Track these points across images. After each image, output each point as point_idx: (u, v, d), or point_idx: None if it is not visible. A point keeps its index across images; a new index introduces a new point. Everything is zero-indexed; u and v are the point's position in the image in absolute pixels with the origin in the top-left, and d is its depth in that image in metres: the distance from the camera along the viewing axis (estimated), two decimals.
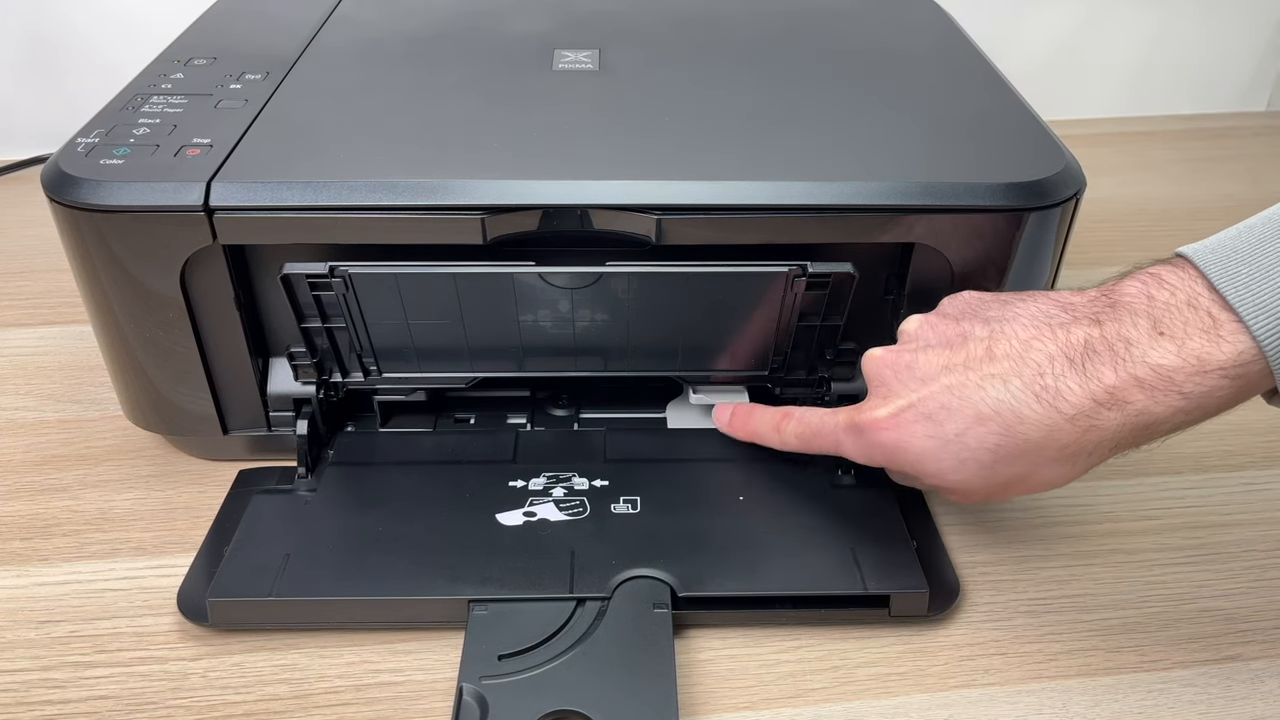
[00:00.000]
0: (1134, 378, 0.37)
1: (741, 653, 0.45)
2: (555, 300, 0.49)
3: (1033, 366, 0.38)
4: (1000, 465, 0.40)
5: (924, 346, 0.42)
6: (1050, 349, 0.38)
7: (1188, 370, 0.36)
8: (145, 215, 0.45)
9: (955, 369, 0.40)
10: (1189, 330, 0.36)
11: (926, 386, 0.41)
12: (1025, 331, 0.40)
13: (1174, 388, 0.36)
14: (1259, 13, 1.00)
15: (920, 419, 0.41)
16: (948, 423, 0.40)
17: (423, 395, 0.55)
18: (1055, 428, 0.38)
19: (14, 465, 0.56)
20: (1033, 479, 0.40)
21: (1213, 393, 0.36)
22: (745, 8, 0.67)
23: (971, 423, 0.39)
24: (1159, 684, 0.44)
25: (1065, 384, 0.38)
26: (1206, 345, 0.36)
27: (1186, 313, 0.37)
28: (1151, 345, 0.37)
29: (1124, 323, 0.37)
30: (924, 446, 0.41)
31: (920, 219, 0.46)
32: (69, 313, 0.68)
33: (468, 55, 0.59)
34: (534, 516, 0.49)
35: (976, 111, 0.53)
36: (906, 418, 0.41)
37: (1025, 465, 0.40)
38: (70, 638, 0.46)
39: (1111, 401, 0.37)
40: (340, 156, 0.47)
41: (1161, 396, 0.36)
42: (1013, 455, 0.39)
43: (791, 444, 0.48)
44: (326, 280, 0.47)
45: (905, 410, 0.41)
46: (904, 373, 0.42)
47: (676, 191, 0.45)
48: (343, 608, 0.45)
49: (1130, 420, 0.37)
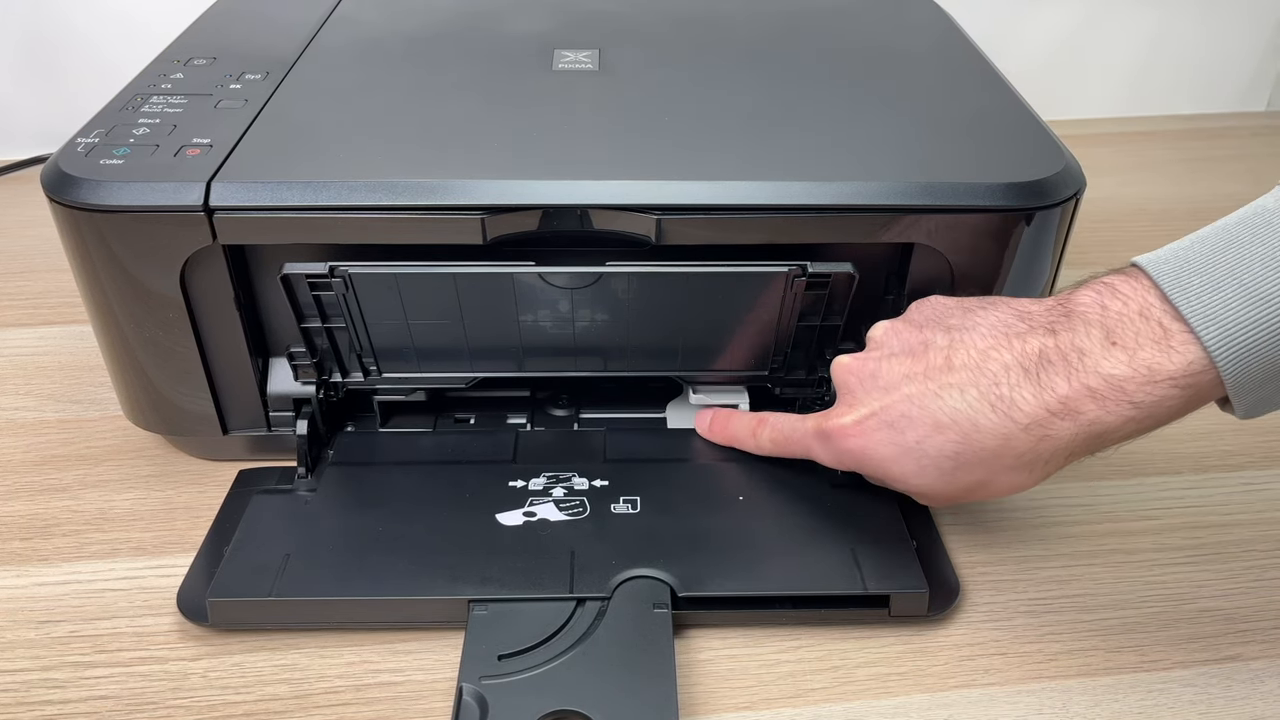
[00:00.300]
0: (1086, 388, 0.37)
1: (741, 653, 0.45)
2: (555, 300, 0.49)
3: (989, 376, 0.39)
4: (960, 472, 0.41)
5: (888, 354, 0.44)
6: (1006, 359, 0.39)
7: (1139, 380, 0.36)
8: (145, 215, 0.45)
9: (915, 378, 0.41)
10: (1140, 340, 0.37)
11: (888, 395, 0.42)
12: (983, 341, 0.41)
13: (1125, 397, 0.37)
14: (1259, 13, 1.00)
15: (882, 426, 0.42)
16: (908, 431, 0.41)
17: (423, 395, 0.55)
18: (1010, 436, 0.39)
19: (14, 465, 0.56)
20: (993, 485, 0.41)
21: (1163, 402, 0.37)
22: (745, 8, 0.67)
23: (930, 431, 0.40)
24: (1159, 684, 0.44)
25: (1020, 394, 0.39)
26: (1157, 355, 0.36)
27: (1138, 323, 0.37)
28: (1104, 355, 0.37)
29: (1078, 332, 0.38)
30: (886, 453, 0.42)
31: (920, 219, 0.46)
32: (69, 313, 0.68)
33: (467, 55, 0.59)
34: (534, 516, 0.49)
35: (976, 111, 0.53)
36: (869, 425, 0.42)
37: (984, 472, 0.41)
38: (70, 638, 0.46)
39: (1064, 411, 0.38)
40: (340, 156, 0.47)
41: (1113, 406, 0.37)
42: (971, 462, 0.40)
43: (767, 449, 0.50)
44: (326, 280, 0.47)
45: (868, 418, 0.42)
46: (868, 380, 0.43)
47: (676, 191, 0.45)
48: (343, 608, 0.45)
49: (1083, 429, 0.38)
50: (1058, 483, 0.55)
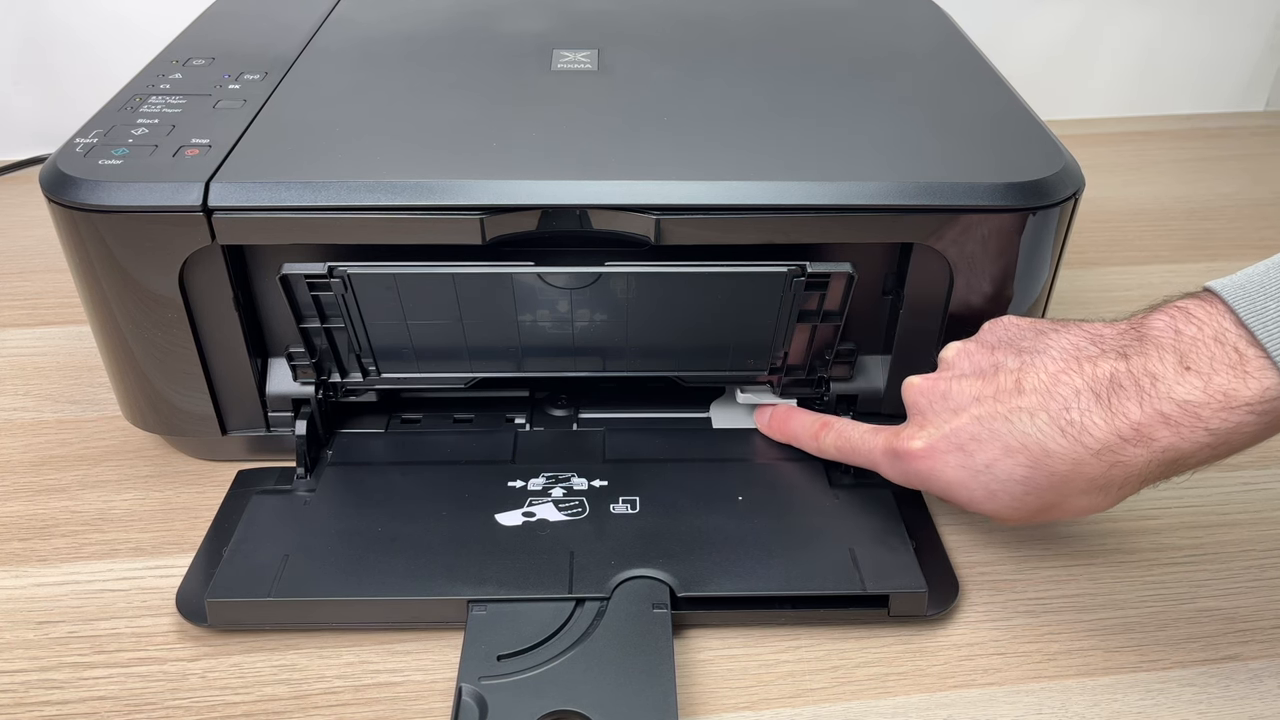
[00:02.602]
0: (1159, 414, 0.37)
1: (741, 653, 0.45)
2: (554, 300, 0.49)
3: (1059, 400, 0.39)
4: (1030, 496, 0.40)
5: (959, 375, 0.44)
6: (1077, 383, 0.39)
7: (1214, 406, 0.36)
8: (144, 215, 0.45)
9: (985, 400, 0.41)
10: (1215, 366, 0.36)
11: (958, 418, 0.42)
12: (1054, 365, 0.40)
13: (1200, 424, 0.36)
14: (1258, 13, 1.00)
15: (952, 449, 0.42)
16: (978, 454, 0.41)
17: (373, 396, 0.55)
18: (1081, 462, 0.38)
19: (12, 466, 0.56)
20: (1066, 506, 0.41)
21: (1239, 429, 0.36)
22: (744, 8, 0.67)
23: (1000, 455, 0.40)
24: (1158, 684, 0.44)
25: (1090, 419, 0.38)
26: (1233, 381, 0.35)
27: (1213, 348, 0.36)
28: (1177, 381, 0.36)
29: (1150, 357, 0.37)
30: (956, 477, 0.42)
31: (919, 219, 0.46)
32: (67, 313, 0.68)
33: (466, 55, 0.59)
34: (533, 517, 0.49)
35: (975, 111, 0.53)
36: (939, 448, 0.42)
37: (1055, 495, 0.40)
38: (69, 638, 0.46)
39: (1137, 438, 0.37)
40: (339, 156, 0.47)
41: (1188, 433, 0.36)
42: (1042, 487, 0.40)
43: (830, 454, 0.50)
44: (325, 281, 0.47)
45: (938, 441, 0.42)
46: (938, 401, 0.43)
47: (675, 191, 0.45)
48: (341, 608, 0.45)
49: (1157, 456, 0.37)
50: None
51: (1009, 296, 0.49)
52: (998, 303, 0.49)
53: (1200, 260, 0.77)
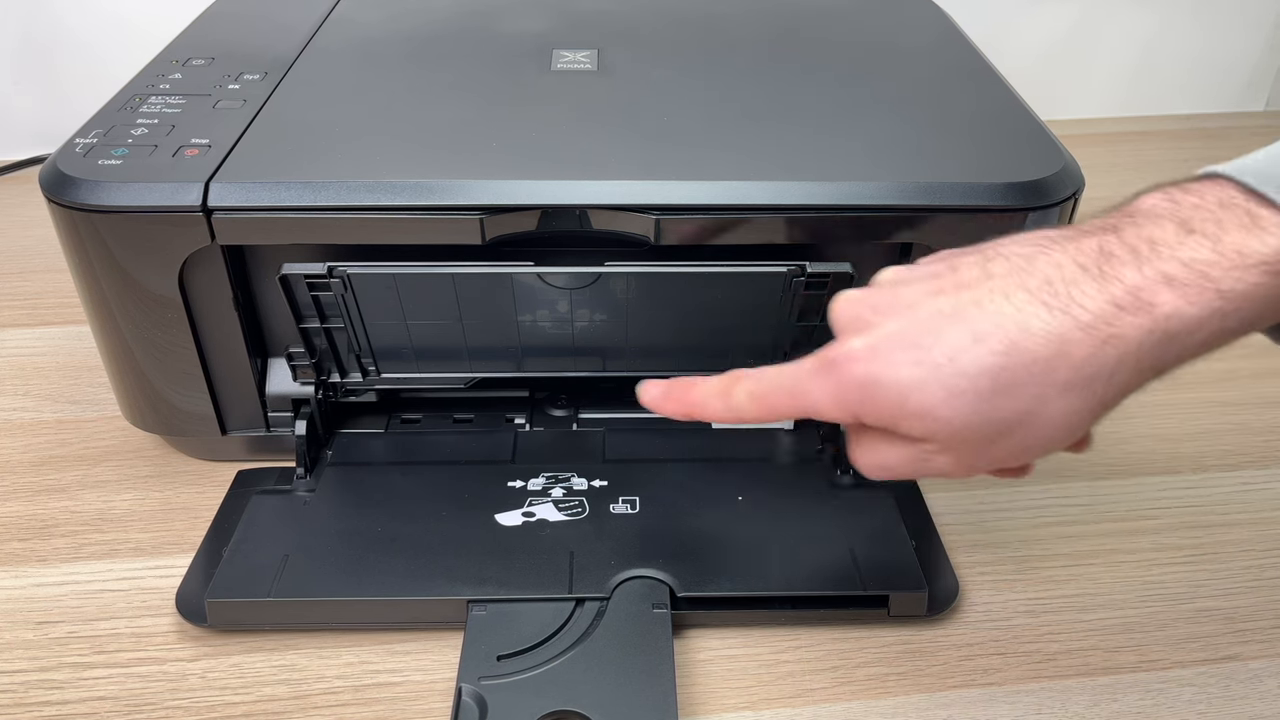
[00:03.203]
0: (1162, 274, 0.31)
1: (741, 653, 0.45)
2: (554, 300, 0.49)
3: (1039, 276, 0.33)
4: (1001, 398, 0.32)
5: (904, 282, 0.36)
6: (1058, 258, 0.33)
7: (1225, 264, 0.31)
8: (143, 216, 0.45)
9: (946, 292, 0.34)
10: (1224, 227, 0.31)
11: (913, 312, 0.34)
12: (1026, 248, 0.34)
13: (1210, 284, 0.31)
14: (1257, 12, 1.00)
15: (904, 346, 0.34)
16: (937, 347, 0.33)
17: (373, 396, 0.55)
18: (1068, 339, 0.32)
19: (12, 466, 0.56)
20: (1038, 421, 0.33)
21: (1254, 292, 0.31)
22: (744, 8, 0.67)
23: (967, 343, 0.33)
24: (1158, 684, 0.44)
25: (1079, 290, 0.32)
26: (1246, 238, 0.31)
27: (1220, 212, 0.32)
28: (1180, 243, 0.31)
29: (1145, 227, 0.32)
30: (909, 377, 0.33)
31: (918, 219, 0.46)
32: (67, 313, 0.68)
33: (466, 55, 0.59)
34: (533, 517, 0.49)
35: (975, 111, 0.53)
36: (887, 346, 0.34)
37: (1030, 397, 0.32)
38: (68, 638, 0.46)
39: (1136, 304, 0.31)
40: (339, 157, 0.47)
41: (1195, 295, 0.31)
42: (1017, 381, 0.32)
43: (744, 408, 0.39)
44: (325, 281, 0.47)
45: (886, 339, 0.34)
46: (884, 307, 0.35)
47: (675, 191, 0.45)
48: (341, 608, 0.45)
49: (1159, 326, 0.31)
50: (1057, 482, 0.55)
51: None
52: None
53: None
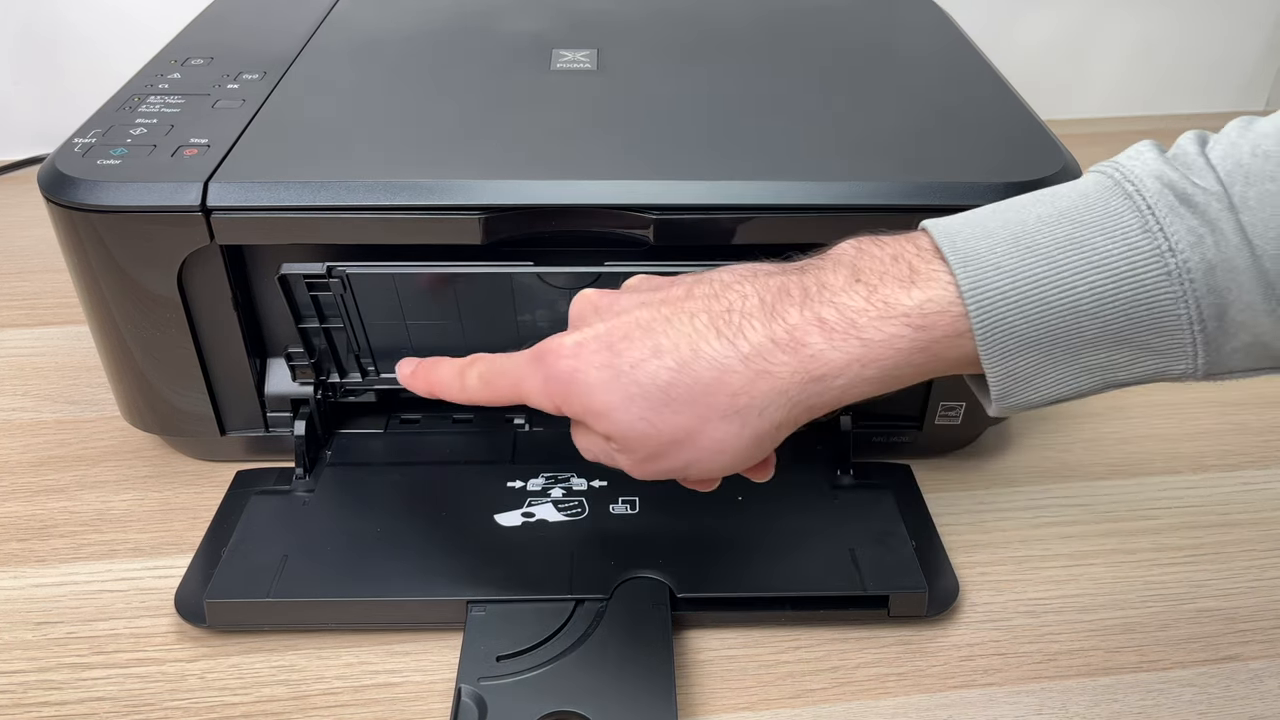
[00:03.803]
0: (817, 318, 0.35)
1: (740, 653, 0.45)
2: (554, 300, 0.49)
3: (724, 304, 0.37)
4: (668, 411, 0.36)
5: (632, 289, 0.40)
6: (747, 290, 0.37)
7: (871, 314, 0.34)
8: (142, 215, 0.45)
9: (652, 305, 0.38)
10: (885, 279, 0.35)
11: (618, 318, 0.38)
12: (729, 276, 0.38)
13: (854, 331, 0.34)
14: (1257, 12, 1.00)
15: (602, 348, 0.37)
16: (626, 353, 0.37)
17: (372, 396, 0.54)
18: (728, 368, 0.35)
19: (11, 466, 0.55)
20: (700, 441, 0.37)
21: (893, 342, 0.34)
22: (743, 8, 0.67)
23: (649, 355, 0.36)
24: (1158, 684, 0.44)
25: (750, 323, 0.36)
26: (897, 291, 0.34)
27: (889, 265, 0.35)
28: (844, 289, 0.35)
29: (825, 271, 0.36)
30: (596, 379, 0.37)
31: (919, 219, 0.46)
32: (66, 313, 0.68)
33: (465, 55, 0.59)
34: (532, 517, 0.49)
35: (975, 111, 0.53)
36: (589, 347, 0.38)
37: (693, 416, 0.36)
38: (67, 639, 0.45)
39: (789, 342, 0.35)
40: (338, 156, 0.47)
41: (839, 340, 0.35)
42: (682, 397, 0.36)
43: (474, 390, 0.43)
44: (324, 281, 0.47)
45: (590, 340, 0.38)
46: (603, 309, 0.39)
47: (674, 191, 0.45)
48: (340, 609, 0.45)
49: (804, 366, 0.35)
50: (1057, 482, 0.55)
51: None
52: None
53: None
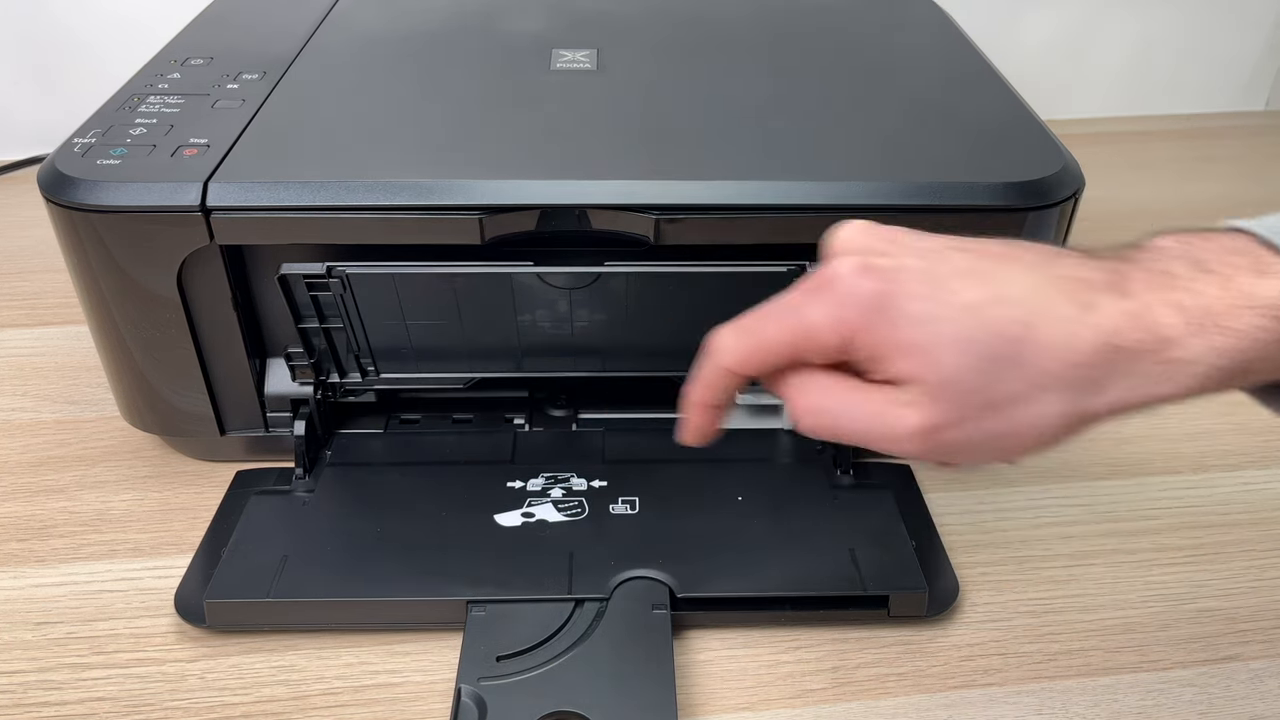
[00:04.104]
0: (1173, 301, 0.32)
1: (740, 653, 0.45)
2: (553, 300, 0.49)
3: (1063, 272, 0.33)
4: (1004, 368, 0.32)
5: (916, 233, 0.35)
6: (1078, 263, 0.33)
7: (1231, 302, 0.32)
8: (142, 215, 0.45)
9: (971, 251, 0.34)
10: (1235, 269, 0.32)
11: (936, 256, 0.33)
12: (1046, 248, 0.34)
13: (1211, 319, 0.32)
14: (1257, 12, 1.00)
15: (924, 281, 0.32)
16: (962, 292, 0.32)
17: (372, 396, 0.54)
18: (1077, 334, 0.32)
19: (10, 466, 0.55)
20: (1025, 407, 0.32)
21: (1254, 334, 0.31)
22: (743, 8, 0.67)
23: (991, 300, 0.32)
24: (1158, 684, 0.44)
25: (1100, 295, 0.32)
26: (1255, 282, 0.32)
27: (1231, 257, 0.33)
28: (1193, 278, 0.32)
29: (1160, 261, 0.33)
30: (921, 310, 0.32)
31: (919, 218, 0.46)
32: (66, 313, 0.68)
33: (465, 55, 0.58)
34: (532, 517, 0.49)
35: (975, 111, 0.53)
36: (905, 276, 0.33)
37: (1027, 379, 0.32)
38: (67, 639, 0.45)
39: (1145, 322, 0.32)
40: (338, 156, 0.47)
41: (1197, 326, 0.32)
42: (1023, 358, 0.32)
43: (730, 349, 0.38)
44: (324, 281, 0.47)
45: (905, 270, 0.33)
46: (903, 244, 0.34)
47: (675, 191, 0.45)
48: (340, 609, 0.45)
49: (1158, 347, 0.32)
50: (1057, 482, 0.55)
51: None
52: None
53: None
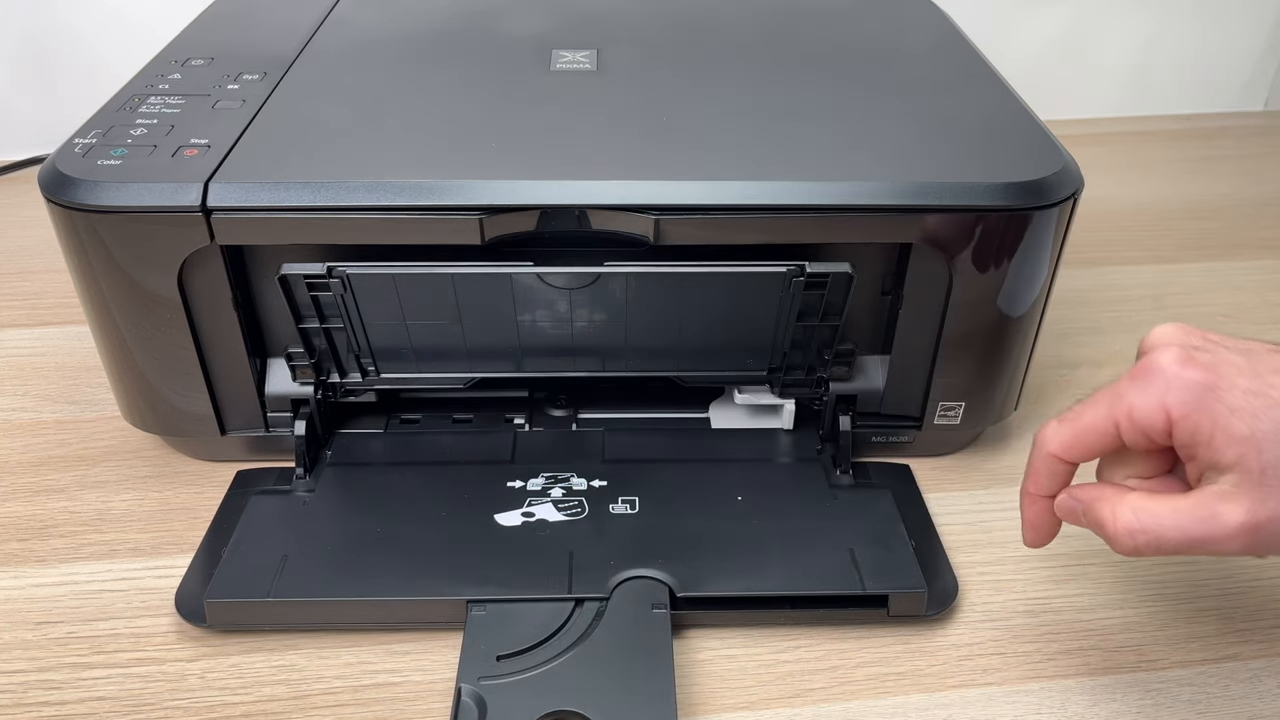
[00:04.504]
0: None
1: (740, 653, 0.45)
2: (553, 300, 0.49)
3: None
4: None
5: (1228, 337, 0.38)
6: None
7: None
8: (142, 216, 0.45)
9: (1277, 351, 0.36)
10: None
11: (1254, 354, 0.36)
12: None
13: None
14: (1256, 12, 1.00)
15: (1245, 374, 0.36)
16: (1278, 388, 0.35)
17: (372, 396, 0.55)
18: None
19: (11, 466, 0.56)
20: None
21: None
22: (743, 8, 0.67)
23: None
24: (1157, 683, 0.44)
25: None
26: None
27: None
28: None
29: None
30: (1243, 402, 0.35)
31: (918, 219, 0.46)
32: (66, 313, 0.68)
33: (465, 55, 0.59)
34: (532, 517, 0.49)
35: (974, 111, 0.53)
36: (1227, 369, 0.36)
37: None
38: (68, 639, 0.46)
39: None
40: (338, 157, 0.47)
41: None
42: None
43: (1062, 440, 0.40)
44: (324, 281, 0.47)
45: (1227, 364, 0.36)
46: (1219, 341, 0.37)
47: (674, 191, 0.45)
48: (341, 609, 0.45)
49: None
50: None
51: (1008, 296, 0.49)
52: (997, 303, 0.49)
53: (1199, 260, 0.77)
